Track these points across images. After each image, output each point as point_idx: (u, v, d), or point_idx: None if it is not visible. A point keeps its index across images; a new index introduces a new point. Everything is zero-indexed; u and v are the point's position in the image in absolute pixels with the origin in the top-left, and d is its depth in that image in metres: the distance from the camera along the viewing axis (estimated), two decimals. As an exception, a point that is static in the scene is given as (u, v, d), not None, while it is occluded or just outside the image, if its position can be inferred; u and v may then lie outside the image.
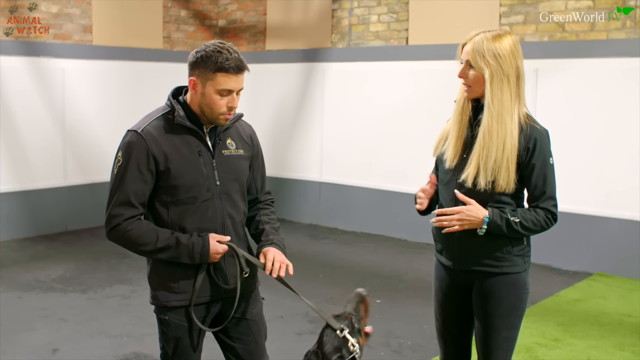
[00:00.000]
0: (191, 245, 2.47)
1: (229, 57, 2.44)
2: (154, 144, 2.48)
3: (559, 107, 6.66)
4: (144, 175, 2.48)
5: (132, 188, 2.48)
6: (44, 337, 4.80)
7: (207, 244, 2.48)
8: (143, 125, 2.52)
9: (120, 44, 8.59)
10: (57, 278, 6.22)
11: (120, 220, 2.48)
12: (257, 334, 2.71)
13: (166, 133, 2.52)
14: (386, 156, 8.04)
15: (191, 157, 2.53)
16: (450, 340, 2.94)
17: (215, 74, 2.44)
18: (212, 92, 2.47)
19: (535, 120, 2.72)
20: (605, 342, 4.78)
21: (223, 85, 2.45)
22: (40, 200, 7.97)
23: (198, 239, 2.48)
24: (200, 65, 2.46)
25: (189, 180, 2.52)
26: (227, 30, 9.67)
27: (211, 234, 2.51)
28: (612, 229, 6.50)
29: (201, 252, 2.47)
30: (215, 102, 2.48)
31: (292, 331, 4.96)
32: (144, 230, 2.48)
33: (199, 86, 2.49)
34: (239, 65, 2.46)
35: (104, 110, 8.44)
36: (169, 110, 2.56)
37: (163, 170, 2.49)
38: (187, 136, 2.54)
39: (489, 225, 2.62)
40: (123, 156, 2.49)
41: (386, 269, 6.72)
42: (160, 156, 2.48)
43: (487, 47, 2.62)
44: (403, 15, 7.86)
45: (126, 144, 2.50)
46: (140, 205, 2.51)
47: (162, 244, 2.47)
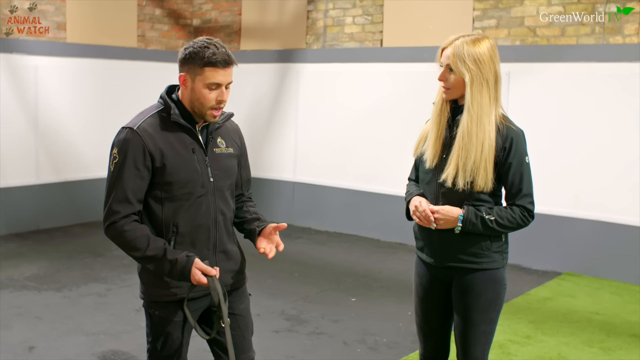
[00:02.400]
0: (174, 261, 2.48)
1: (216, 52, 2.51)
2: (150, 140, 2.53)
3: (530, 109, 6.81)
4: (141, 172, 2.52)
5: (129, 184, 2.51)
6: (20, 335, 4.77)
7: (190, 266, 2.47)
8: (138, 122, 2.56)
9: (94, 41, 8.54)
10: (30, 276, 6.18)
11: (117, 217, 2.51)
12: (245, 328, 2.76)
13: (161, 130, 2.56)
14: (359, 157, 8.13)
15: (186, 154, 2.58)
16: (430, 335, 3.02)
17: (203, 69, 2.51)
18: (201, 87, 2.52)
19: (511, 120, 2.82)
20: (575, 339, 4.91)
21: (211, 79, 2.51)
22: (12, 198, 7.89)
23: (184, 258, 2.48)
24: (189, 61, 2.53)
25: (184, 177, 2.57)
26: (201, 29, 9.67)
27: (197, 260, 2.49)
28: (580, 230, 6.66)
29: (181, 272, 2.48)
30: (204, 97, 2.53)
31: (269, 329, 5.00)
32: (138, 235, 2.50)
33: (189, 81, 2.55)
34: (226, 59, 2.52)
35: (77, 108, 8.39)
36: (163, 108, 2.61)
37: (159, 166, 2.53)
38: (181, 134, 2.59)
39: (463, 224, 2.73)
40: (119, 153, 2.53)
41: (360, 268, 6.80)
42: (157, 153, 2.53)
43: (467, 51, 2.71)
44: (378, 17, 7.95)
45: (122, 141, 2.54)
46: (137, 201, 2.54)
47: (151, 252, 2.49)
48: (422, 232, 2.92)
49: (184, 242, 2.60)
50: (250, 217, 2.86)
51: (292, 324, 5.14)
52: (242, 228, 2.86)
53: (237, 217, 2.86)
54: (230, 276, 2.71)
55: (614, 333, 5.06)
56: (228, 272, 2.70)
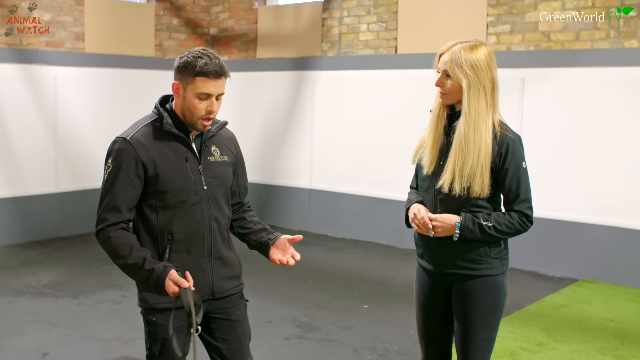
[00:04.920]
0: (151, 271, 2.49)
1: (208, 63, 2.53)
2: (143, 150, 2.57)
3: (545, 115, 6.76)
4: (133, 181, 2.56)
5: (120, 194, 2.56)
6: (35, 341, 4.85)
7: (165, 276, 2.48)
8: (132, 133, 2.61)
9: (112, 51, 8.66)
10: (48, 283, 6.27)
11: (105, 225, 2.57)
12: (242, 334, 2.78)
13: (154, 140, 2.60)
14: (375, 164, 8.13)
15: (179, 163, 2.61)
16: (431, 341, 3.02)
17: (195, 78, 2.54)
18: (191, 96, 2.56)
19: (508, 127, 2.82)
20: (588, 347, 4.86)
21: (201, 89, 2.54)
22: (32, 206, 8.02)
23: (160, 269, 2.49)
24: (182, 70, 2.57)
25: (177, 185, 2.60)
26: (218, 38, 9.76)
27: (172, 272, 2.49)
28: (597, 236, 6.59)
29: (156, 281, 2.50)
30: (194, 106, 2.56)
31: (280, 336, 5.02)
32: (122, 243, 2.54)
33: (181, 90, 2.59)
34: (218, 71, 2.55)
35: (96, 118, 8.50)
36: (157, 118, 2.65)
37: (152, 175, 2.58)
38: (174, 143, 2.63)
39: (461, 231, 2.73)
40: (113, 163, 2.58)
41: (374, 274, 6.80)
42: (149, 162, 2.57)
43: (464, 57, 2.72)
44: (392, 24, 7.96)
45: (115, 151, 2.59)
46: (127, 210, 2.59)
47: (132, 261, 2.52)
48: (422, 239, 2.92)
49: (179, 250, 2.63)
50: (256, 228, 2.87)
51: (303, 330, 5.15)
52: (249, 239, 2.87)
53: (242, 227, 2.88)
54: (226, 282, 2.73)
55: (628, 340, 4.99)
56: (224, 278, 2.73)
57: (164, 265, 2.51)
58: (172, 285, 2.47)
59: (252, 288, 6.03)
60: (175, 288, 2.47)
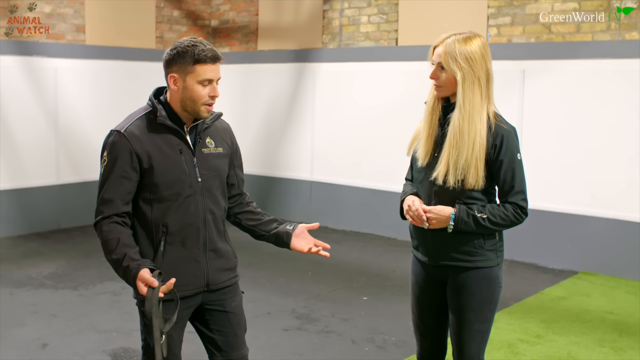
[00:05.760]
0: (127, 268, 2.49)
1: (204, 49, 2.56)
2: (137, 143, 2.58)
3: (545, 107, 6.75)
4: (128, 174, 2.57)
5: (116, 186, 2.57)
6: (34, 332, 4.87)
7: (135, 275, 2.47)
8: (126, 125, 2.61)
9: (113, 43, 8.65)
10: (48, 275, 6.29)
11: (100, 217, 2.59)
12: (237, 326, 2.79)
13: (148, 132, 2.61)
14: (375, 156, 8.12)
15: (173, 155, 2.62)
16: (426, 333, 3.03)
17: (194, 66, 2.55)
18: (193, 84, 2.56)
19: (503, 118, 2.81)
20: (586, 339, 4.87)
21: (203, 76, 2.56)
22: (33, 198, 8.04)
23: (135, 267, 2.48)
24: (177, 60, 2.57)
25: (172, 178, 2.61)
26: (219, 30, 9.75)
27: (143, 270, 2.47)
28: (596, 228, 6.59)
29: (131, 279, 2.49)
30: (198, 93, 2.57)
31: (279, 327, 5.04)
32: (111, 237, 2.54)
33: (180, 81, 2.58)
34: (215, 55, 2.58)
35: (96, 110, 8.50)
36: (151, 110, 2.65)
37: (147, 168, 2.58)
38: (168, 135, 2.63)
39: (455, 222, 2.72)
40: (108, 156, 2.59)
41: (373, 267, 6.81)
42: (144, 155, 2.58)
43: (459, 50, 2.71)
44: (393, 16, 7.95)
45: (110, 144, 2.60)
46: (123, 203, 2.59)
47: (116, 256, 2.52)
48: (417, 231, 2.93)
49: (174, 242, 2.64)
50: (266, 219, 2.87)
51: (302, 322, 5.16)
52: (260, 230, 2.85)
53: (251, 219, 2.87)
54: (221, 274, 2.74)
55: (626, 333, 5.00)
56: (219, 270, 2.73)
57: (138, 264, 2.49)
58: (141, 286, 2.46)
59: (252, 280, 6.04)
60: (143, 289, 2.45)
